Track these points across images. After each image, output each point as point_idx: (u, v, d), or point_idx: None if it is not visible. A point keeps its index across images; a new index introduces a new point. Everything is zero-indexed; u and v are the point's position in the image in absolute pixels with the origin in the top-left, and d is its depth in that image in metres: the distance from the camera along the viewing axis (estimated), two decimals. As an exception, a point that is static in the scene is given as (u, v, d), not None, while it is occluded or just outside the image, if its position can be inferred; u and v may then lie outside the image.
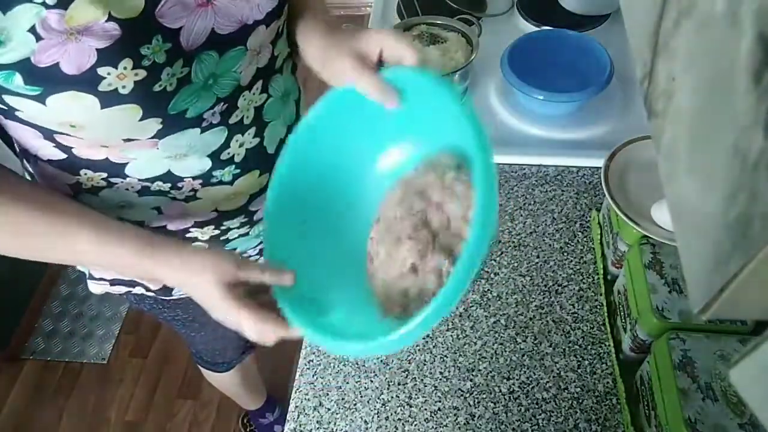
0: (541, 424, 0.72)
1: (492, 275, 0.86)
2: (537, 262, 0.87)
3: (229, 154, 0.68)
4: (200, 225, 0.73)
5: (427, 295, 0.55)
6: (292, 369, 1.69)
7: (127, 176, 0.64)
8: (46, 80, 0.50)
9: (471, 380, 0.77)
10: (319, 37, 0.65)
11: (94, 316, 1.89)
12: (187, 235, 0.74)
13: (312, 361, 0.80)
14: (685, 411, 0.57)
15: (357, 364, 0.79)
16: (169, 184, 0.67)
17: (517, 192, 0.95)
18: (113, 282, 0.80)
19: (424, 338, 0.81)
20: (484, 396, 0.75)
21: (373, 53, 0.58)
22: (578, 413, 0.73)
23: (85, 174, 0.64)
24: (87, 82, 0.51)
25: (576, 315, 0.81)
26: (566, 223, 0.90)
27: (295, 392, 0.78)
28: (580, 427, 0.72)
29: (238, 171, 0.70)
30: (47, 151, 0.62)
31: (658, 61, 0.32)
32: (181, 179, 0.67)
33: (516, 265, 0.87)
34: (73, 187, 0.66)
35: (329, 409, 0.76)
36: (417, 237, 0.57)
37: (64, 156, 0.62)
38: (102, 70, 0.51)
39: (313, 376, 0.79)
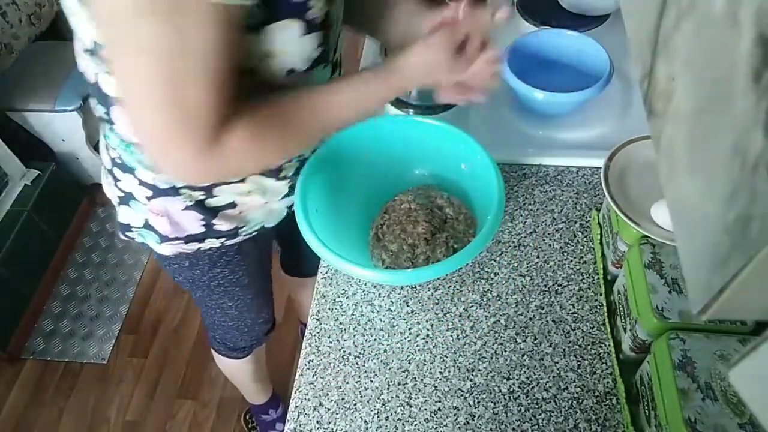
0: (541, 424, 0.72)
1: (492, 275, 0.86)
2: (537, 262, 0.87)
3: None
4: (291, 159, 0.81)
5: (435, 259, 0.82)
6: (292, 369, 1.69)
7: None
8: (271, 3, 0.57)
9: (471, 380, 0.77)
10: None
11: (94, 316, 1.89)
12: (280, 175, 0.82)
13: (312, 361, 0.80)
14: (685, 411, 0.57)
15: (357, 364, 0.79)
16: None
17: (517, 192, 0.95)
18: (187, 239, 0.83)
19: (423, 338, 0.81)
20: (484, 396, 0.75)
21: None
22: (578, 413, 0.73)
23: None
24: (299, 8, 0.60)
25: (576, 315, 0.81)
26: (566, 223, 0.90)
27: (295, 392, 0.78)
28: (580, 427, 0.72)
29: None
30: None
31: (658, 61, 0.32)
32: None
33: (516, 265, 0.87)
34: None
35: (329, 409, 0.76)
36: (431, 221, 0.85)
37: None
38: (311, 2, 0.60)
39: (313, 376, 0.79)
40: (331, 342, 0.82)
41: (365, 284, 0.87)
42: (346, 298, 0.86)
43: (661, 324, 0.65)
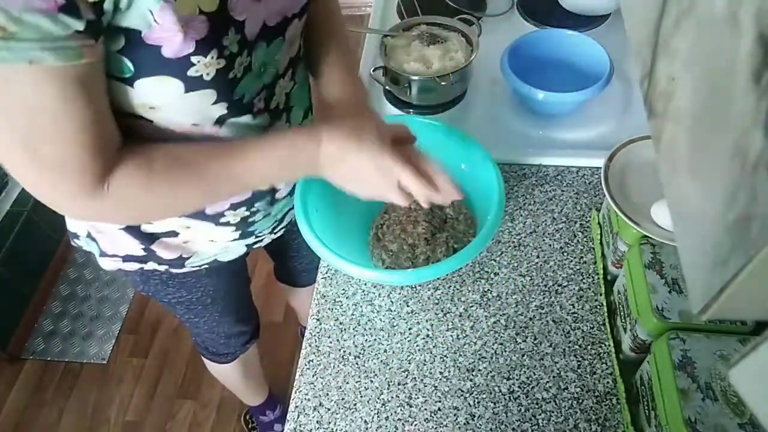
0: (541, 424, 0.72)
1: (492, 275, 0.86)
2: (537, 262, 0.87)
3: None
4: (234, 207, 0.78)
5: (435, 259, 0.82)
6: (292, 369, 1.69)
7: None
8: (143, 59, 0.55)
9: (471, 380, 0.77)
10: (346, 105, 0.76)
11: (94, 316, 1.89)
12: (221, 220, 0.78)
13: (312, 361, 0.80)
14: (685, 411, 0.57)
15: (357, 364, 0.79)
16: None
17: (517, 192, 0.95)
18: (126, 258, 0.82)
19: (423, 338, 0.81)
20: (484, 396, 0.75)
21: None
22: (578, 413, 0.73)
23: None
24: (179, 67, 0.57)
25: (576, 315, 0.81)
26: (566, 223, 0.90)
27: (295, 392, 0.78)
28: (580, 427, 0.72)
29: None
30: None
31: (658, 61, 0.32)
32: None
33: (516, 265, 0.87)
34: None
35: (329, 409, 0.76)
36: (431, 221, 0.85)
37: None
38: (195, 58, 0.56)
39: (313, 376, 0.79)
40: (331, 342, 0.82)
41: (365, 284, 0.87)
42: (346, 298, 0.86)
43: (661, 324, 0.65)
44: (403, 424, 0.74)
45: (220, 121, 0.66)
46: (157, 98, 0.60)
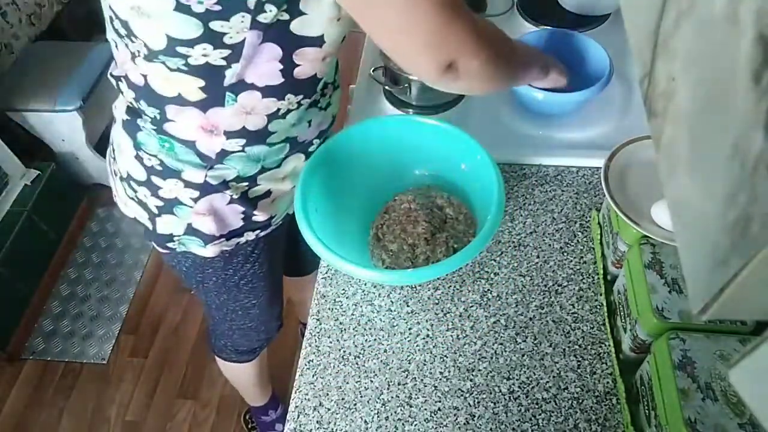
0: (541, 424, 0.72)
1: (492, 275, 0.86)
2: (537, 262, 0.87)
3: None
4: (320, 136, 0.88)
5: (435, 259, 0.82)
6: (292, 369, 1.69)
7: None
8: None
9: (471, 380, 0.77)
10: None
11: (94, 316, 1.89)
12: (309, 149, 0.87)
13: (312, 361, 0.80)
14: (685, 411, 0.57)
15: (357, 364, 0.79)
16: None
17: (517, 192, 0.95)
18: (228, 236, 0.86)
19: (423, 338, 0.81)
20: (484, 396, 0.75)
21: None
22: (578, 413, 0.73)
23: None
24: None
25: (576, 315, 0.81)
26: (566, 223, 0.90)
27: (295, 392, 0.78)
28: (580, 427, 0.72)
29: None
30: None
31: (658, 61, 0.32)
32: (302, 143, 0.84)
33: (516, 265, 0.87)
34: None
35: (329, 409, 0.76)
36: (431, 221, 0.85)
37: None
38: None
39: (313, 376, 0.79)
40: (331, 342, 0.82)
41: (365, 284, 0.87)
42: (346, 298, 0.86)
43: (661, 324, 0.65)
44: (403, 424, 0.74)
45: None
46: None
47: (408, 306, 0.84)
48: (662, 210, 0.71)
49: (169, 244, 0.87)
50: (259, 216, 0.87)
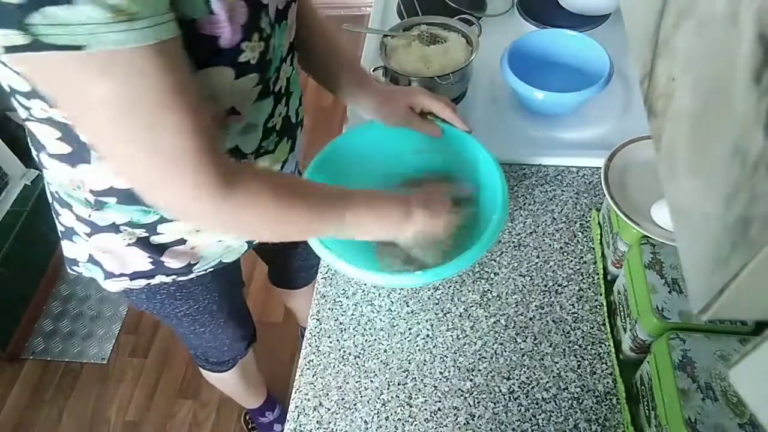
0: (541, 424, 0.72)
1: (492, 275, 0.86)
2: (537, 262, 0.87)
3: (272, 122, 0.74)
4: None
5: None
6: (292, 369, 1.69)
7: None
8: (198, 50, 0.54)
9: (471, 380, 0.77)
10: (376, 94, 0.86)
11: (94, 316, 1.89)
12: None
13: (312, 361, 0.80)
14: (685, 411, 0.57)
15: (357, 364, 0.79)
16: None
17: (517, 192, 0.95)
18: (133, 276, 0.79)
19: (423, 338, 0.81)
20: (484, 396, 0.75)
21: (417, 106, 0.84)
22: (578, 413, 0.73)
23: None
24: (231, 55, 0.57)
25: (576, 315, 0.81)
26: (566, 223, 0.90)
27: (295, 392, 0.78)
28: (580, 427, 0.72)
29: (277, 139, 0.76)
30: None
31: (658, 61, 0.32)
32: (245, 155, 0.72)
33: (516, 265, 0.87)
34: None
35: (329, 409, 0.76)
36: None
37: None
38: (243, 45, 0.57)
39: (313, 376, 0.79)
40: (331, 342, 0.82)
41: (365, 284, 0.87)
42: (346, 298, 0.86)
43: (661, 324, 0.65)
44: (403, 424, 0.74)
45: (250, 103, 0.67)
46: (216, 87, 0.60)
47: (408, 306, 0.84)
48: (662, 210, 0.71)
49: (75, 268, 0.83)
50: (172, 263, 0.79)
